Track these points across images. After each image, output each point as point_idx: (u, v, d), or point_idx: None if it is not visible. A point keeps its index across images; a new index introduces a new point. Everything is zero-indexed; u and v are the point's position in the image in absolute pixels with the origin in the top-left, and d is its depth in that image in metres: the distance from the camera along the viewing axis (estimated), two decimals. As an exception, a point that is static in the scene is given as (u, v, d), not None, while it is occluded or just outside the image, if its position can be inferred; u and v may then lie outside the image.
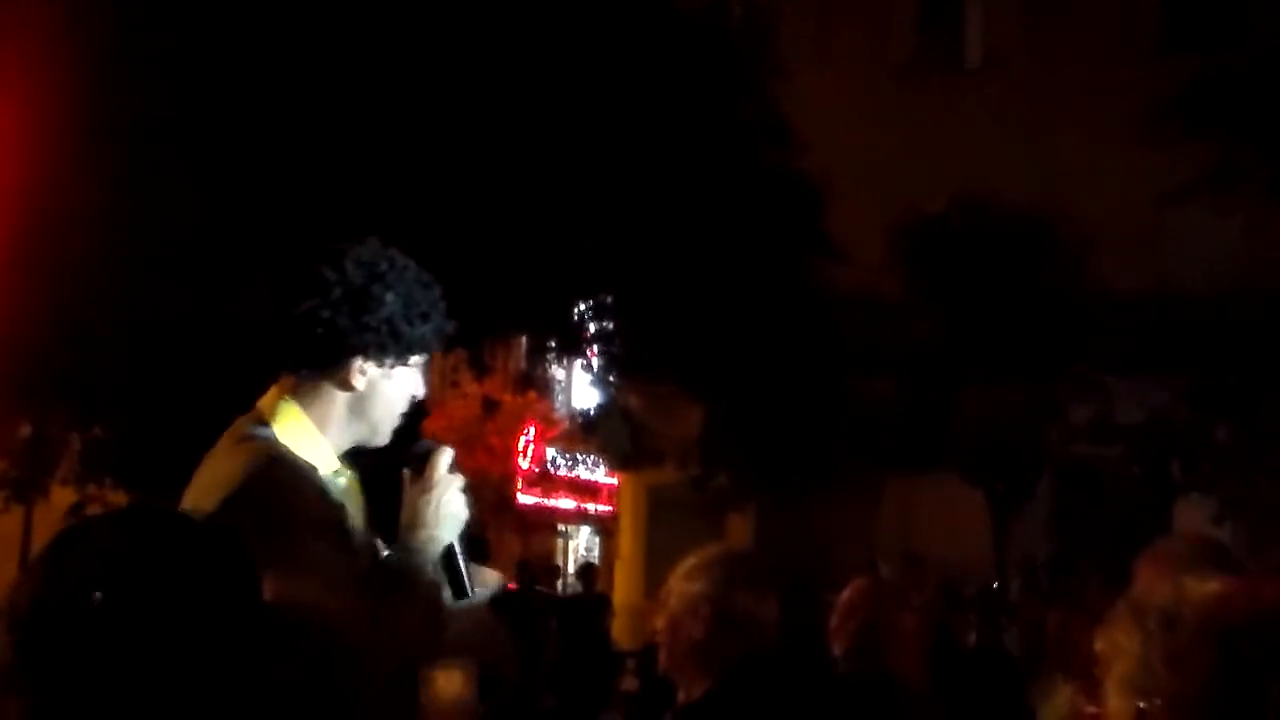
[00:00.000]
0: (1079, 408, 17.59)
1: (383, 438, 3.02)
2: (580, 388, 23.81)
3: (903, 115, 21.75)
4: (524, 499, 23.99)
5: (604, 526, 26.62)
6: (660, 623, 3.61)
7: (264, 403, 2.95)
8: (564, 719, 14.12)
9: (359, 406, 2.95)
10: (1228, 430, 16.49)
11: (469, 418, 21.22)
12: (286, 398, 2.93)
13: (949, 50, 24.33)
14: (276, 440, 2.86)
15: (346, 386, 2.92)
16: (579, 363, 20.07)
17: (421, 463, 2.98)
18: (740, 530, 19.67)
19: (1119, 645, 2.35)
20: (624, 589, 22.50)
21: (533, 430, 24.12)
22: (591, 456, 24.82)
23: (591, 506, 26.05)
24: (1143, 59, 20.80)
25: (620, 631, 16.90)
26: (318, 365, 2.89)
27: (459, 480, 2.96)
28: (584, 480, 25.66)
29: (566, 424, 23.84)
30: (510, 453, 23.78)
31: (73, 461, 14.53)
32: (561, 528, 26.44)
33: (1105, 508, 19.24)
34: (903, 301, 17.77)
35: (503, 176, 14.80)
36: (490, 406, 19.68)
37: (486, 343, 18.47)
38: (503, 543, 21.95)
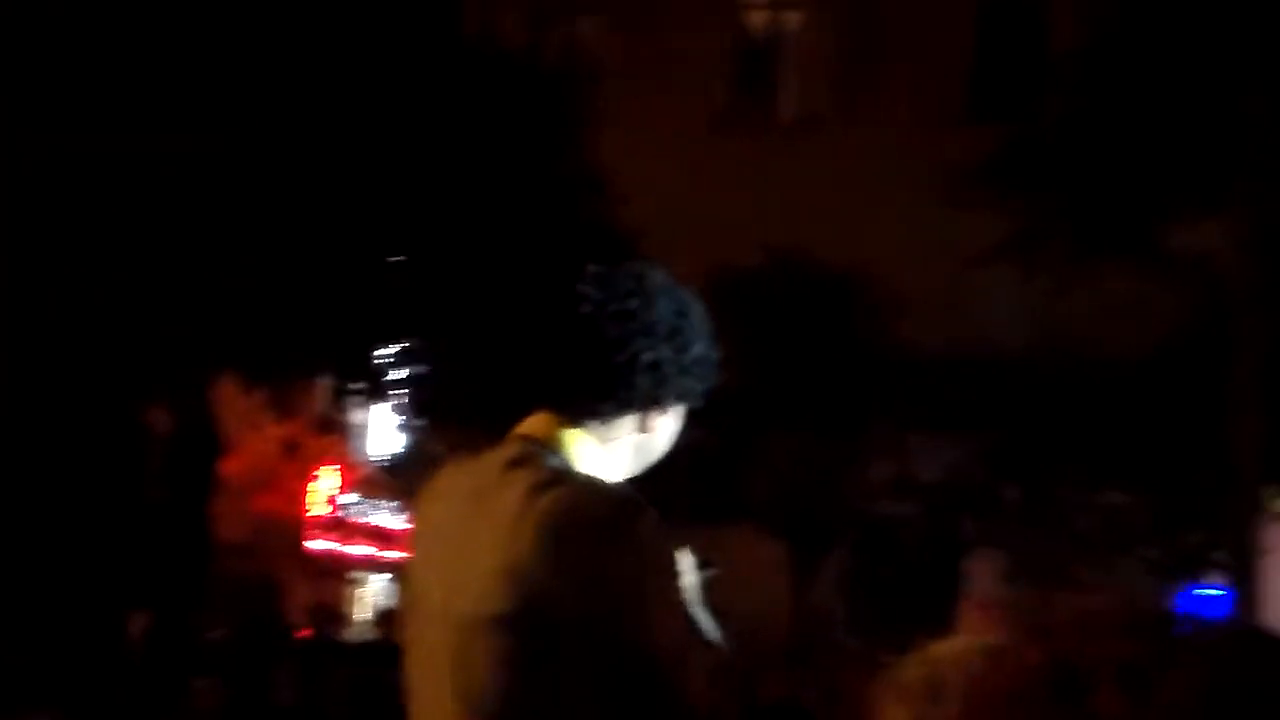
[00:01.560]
0: (880, 464, 17.88)
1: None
2: (382, 432, 23.52)
3: (718, 169, 22.00)
4: (316, 545, 23.53)
5: (399, 573, 26.14)
6: None
7: (539, 431, 2.62)
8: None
9: (644, 447, 2.69)
10: (1018, 490, 16.90)
11: (267, 459, 20.81)
12: (571, 429, 2.62)
13: (763, 107, 24.73)
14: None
15: (638, 429, 2.65)
16: (384, 407, 19.83)
17: None
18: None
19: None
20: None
21: (330, 474, 23.71)
22: (394, 502, 24.49)
23: (388, 554, 25.66)
24: (950, 124, 21.34)
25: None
26: (634, 409, 2.63)
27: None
28: (381, 527, 25.28)
29: (366, 469, 23.51)
30: (304, 497, 23.34)
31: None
32: (353, 574, 25.99)
33: (900, 563, 19.59)
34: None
35: (309, 217, 14.63)
36: (293, 449, 19.33)
37: (289, 384, 18.18)
38: (293, 589, 21.51)
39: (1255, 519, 12.88)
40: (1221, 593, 15.08)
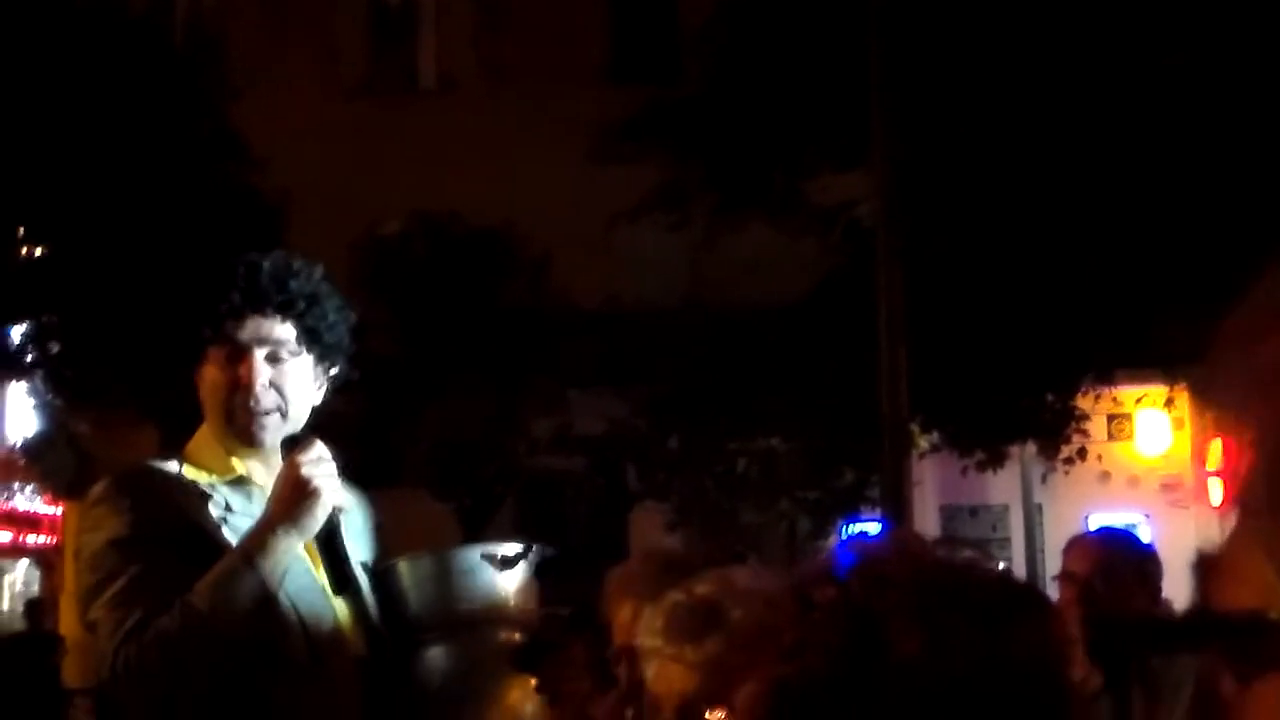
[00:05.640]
0: (541, 421, 18.00)
1: (245, 429, 2.90)
2: (17, 413, 22.42)
3: (359, 134, 21.69)
4: (-49, 535, 22.31)
5: (45, 559, 25.15)
6: None
7: None
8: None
9: (212, 403, 2.91)
10: (679, 439, 17.26)
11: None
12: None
13: (402, 70, 24.47)
14: (150, 462, 2.87)
15: (198, 389, 2.91)
16: (20, 386, 18.92)
17: (287, 450, 2.84)
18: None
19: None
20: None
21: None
22: (30, 486, 23.40)
23: (31, 538, 24.54)
24: (592, 82, 21.58)
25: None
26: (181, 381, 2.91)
27: (328, 466, 2.81)
28: (21, 512, 24.14)
29: (1, 452, 22.38)
30: (-64, 486, 22.06)
31: None
32: (-5, 564, 24.76)
33: (568, 518, 19.79)
34: (364, 319, 17.65)
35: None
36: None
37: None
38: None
39: (904, 455, 13.51)
40: (876, 526, 15.79)
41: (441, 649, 2.91)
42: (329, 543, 2.84)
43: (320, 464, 2.79)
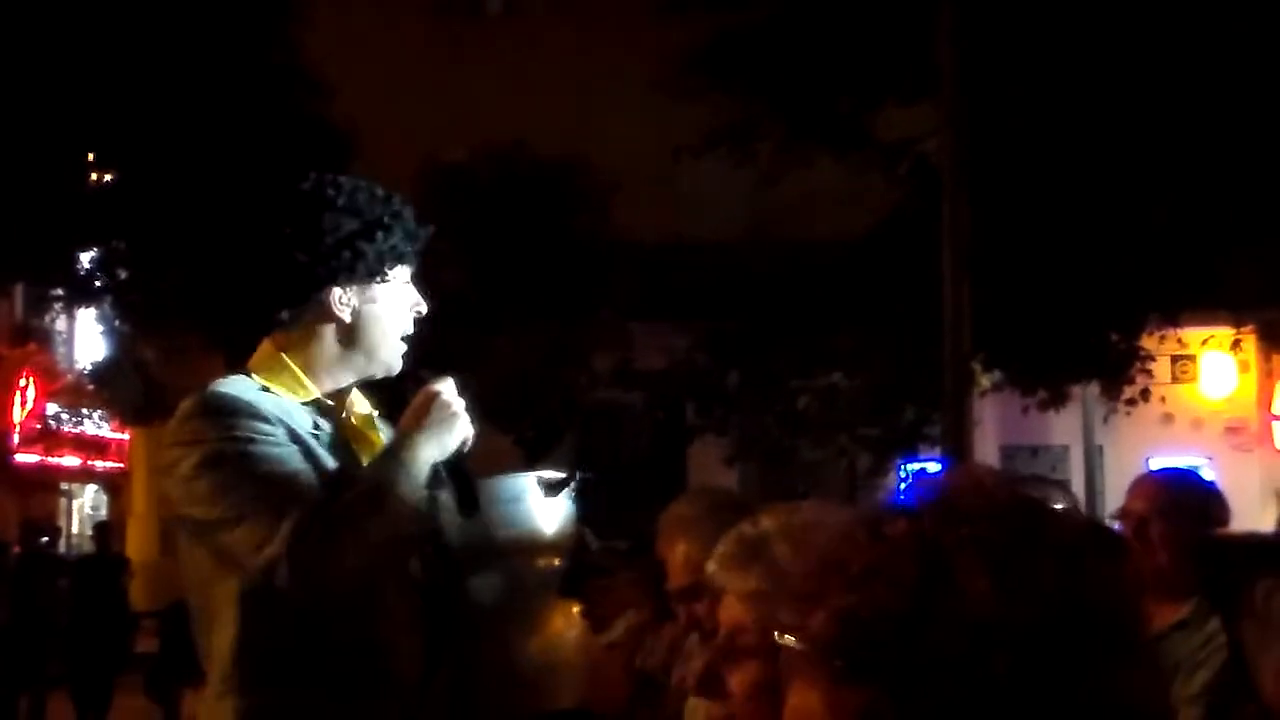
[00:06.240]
0: (602, 354, 18.05)
1: (386, 364, 2.96)
2: (86, 339, 22.71)
3: (428, 61, 21.73)
4: (22, 458, 22.65)
5: (113, 483, 25.58)
6: None
7: (252, 359, 2.95)
8: (79, 682, 13.51)
9: (349, 337, 2.92)
10: (739, 375, 17.24)
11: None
12: (268, 343, 2.92)
13: (471, -3, 24.44)
14: (233, 379, 2.87)
15: (331, 319, 2.89)
16: (89, 313, 19.14)
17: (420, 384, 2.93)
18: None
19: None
20: (138, 547, 21.70)
21: (32, 385, 22.77)
22: (99, 412, 23.75)
23: (99, 464, 24.95)
24: (659, 14, 21.44)
25: (137, 591, 16.28)
26: (294, 305, 2.87)
27: (458, 401, 2.90)
28: (90, 436, 24.53)
29: (71, 378, 22.72)
30: (6, 409, 22.39)
31: None
32: (65, 486, 25.17)
33: (626, 451, 19.87)
34: (430, 249, 17.71)
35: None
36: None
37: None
38: (1, 504, 20.71)
39: (966, 393, 13.42)
40: (936, 465, 15.76)
41: (483, 576, 2.96)
42: (457, 468, 2.90)
43: (455, 393, 2.90)
